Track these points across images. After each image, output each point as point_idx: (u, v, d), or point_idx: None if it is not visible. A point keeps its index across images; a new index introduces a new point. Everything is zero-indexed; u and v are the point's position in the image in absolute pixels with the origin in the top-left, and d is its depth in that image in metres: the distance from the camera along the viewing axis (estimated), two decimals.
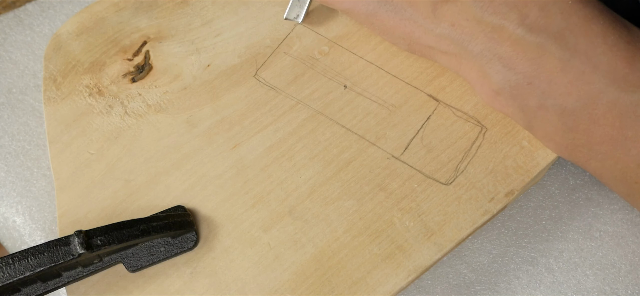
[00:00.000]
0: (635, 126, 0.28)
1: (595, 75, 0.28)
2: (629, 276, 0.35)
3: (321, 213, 0.33)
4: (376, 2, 0.33)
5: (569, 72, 0.29)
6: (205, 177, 0.35)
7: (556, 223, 0.36)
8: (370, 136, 0.35)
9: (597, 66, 0.28)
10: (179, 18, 0.40)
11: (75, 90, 0.38)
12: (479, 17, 0.30)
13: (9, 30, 0.43)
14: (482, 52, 0.31)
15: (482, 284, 0.35)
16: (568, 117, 0.30)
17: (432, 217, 0.32)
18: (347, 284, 0.31)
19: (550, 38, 0.29)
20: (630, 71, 0.28)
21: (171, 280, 0.32)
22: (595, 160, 0.30)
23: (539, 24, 0.29)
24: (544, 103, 0.30)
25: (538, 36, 0.29)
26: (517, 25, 0.29)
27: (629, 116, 0.28)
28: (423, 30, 0.32)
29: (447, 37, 0.31)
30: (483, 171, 0.33)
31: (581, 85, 0.29)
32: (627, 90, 0.28)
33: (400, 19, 0.33)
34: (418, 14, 0.32)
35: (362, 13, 0.34)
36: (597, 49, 0.28)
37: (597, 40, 0.28)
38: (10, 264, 0.28)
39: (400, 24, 0.33)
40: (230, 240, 0.33)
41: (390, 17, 0.33)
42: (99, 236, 0.29)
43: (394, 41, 0.35)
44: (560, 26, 0.29)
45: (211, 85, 0.37)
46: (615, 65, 0.28)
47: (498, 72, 0.31)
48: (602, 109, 0.29)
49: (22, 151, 0.40)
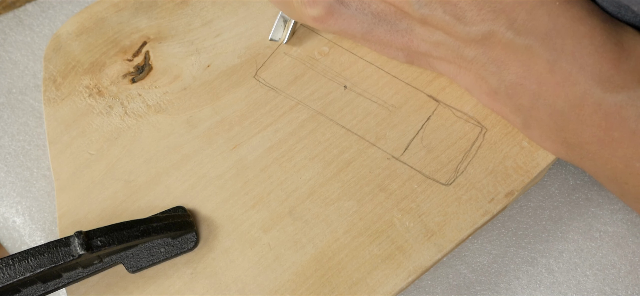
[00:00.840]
0: (621, 127, 0.28)
1: (581, 76, 0.28)
2: (629, 277, 0.35)
3: (321, 214, 0.33)
4: (369, 20, 0.33)
5: (556, 74, 0.29)
6: (205, 177, 0.35)
7: (556, 223, 0.36)
8: (370, 137, 0.35)
9: (583, 67, 0.28)
10: (179, 18, 0.40)
11: (75, 90, 0.38)
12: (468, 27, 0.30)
13: (9, 31, 0.43)
14: (477, 56, 0.31)
15: (482, 284, 0.35)
16: (558, 117, 0.30)
17: (432, 218, 0.32)
18: (347, 284, 0.31)
19: (538, 40, 0.29)
20: (616, 72, 0.28)
21: (171, 280, 0.32)
22: (588, 160, 0.31)
23: (526, 26, 0.29)
24: (535, 104, 0.30)
25: (526, 38, 0.29)
26: (506, 28, 0.29)
27: (615, 116, 0.28)
28: (419, 39, 0.32)
29: (443, 44, 0.32)
30: (483, 172, 0.33)
31: (568, 86, 0.29)
32: (613, 91, 0.28)
33: (396, 31, 0.33)
34: (413, 24, 0.32)
35: (357, 33, 0.34)
36: (583, 50, 0.28)
37: (583, 42, 0.28)
38: (11, 265, 0.28)
39: (396, 37, 0.33)
40: (231, 241, 0.33)
41: (386, 32, 0.33)
42: (99, 237, 0.29)
43: (392, 55, 0.35)
44: (547, 28, 0.28)
45: (211, 85, 0.37)
46: (601, 66, 0.28)
47: (493, 74, 0.31)
48: (589, 110, 0.29)
49: (22, 151, 0.40)
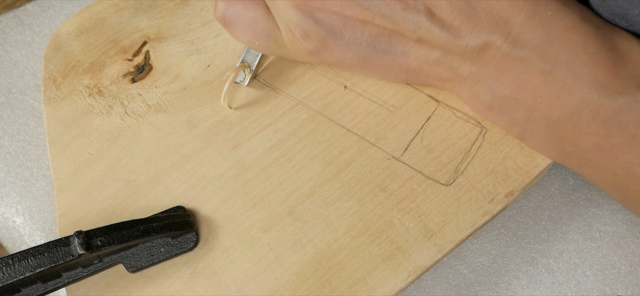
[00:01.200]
0: (620, 133, 0.28)
1: (577, 85, 0.28)
2: (629, 277, 0.35)
3: (321, 214, 0.33)
4: (366, 49, 0.32)
5: (551, 84, 0.29)
6: (205, 177, 0.35)
7: (556, 223, 0.36)
8: (370, 137, 0.35)
9: (579, 76, 0.28)
10: (179, 18, 0.40)
11: (75, 90, 0.38)
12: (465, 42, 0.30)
13: (9, 30, 0.43)
14: (472, 73, 0.31)
15: (482, 284, 0.35)
16: (555, 127, 0.30)
17: (432, 218, 0.32)
18: (347, 285, 0.31)
19: (532, 51, 0.28)
20: (612, 79, 0.28)
21: (171, 280, 0.32)
22: (587, 167, 0.30)
23: (521, 38, 0.29)
24: (530, 116, 0.30)
25: (521, 50, 0.29)
26: (503, 41, 0.29)
27: (613, 123, 0.28)
28: (417, 62, 0.32)
29: (440, 63, 0.32)
30: (483, 172, 0.33)
31: (564, 96, 0.28)
32: (610, 96, 0.28)
33: (393, 57, 0.32)
34: (409, 47, 0.32)
35: (354, 62, 0.33)
36: (577, 59, 0.28)
37: (578, 50, 0.28)
38: (10, 264, 0.28)
39: (395, 61, 0.32)
40: (231, 241, 0.33)
41: (384, 58, 0.32)
42: (99, 237, 0.29)
43: (391, 79, 0.34)
44: (541, 39, 0.28)
45: (211, 85, 0.37)
46: (597, 73, 0.28)
47: (486, 91, 0.31)
48: (586, 118, 0.28)
49: (22, 151, 0.40)
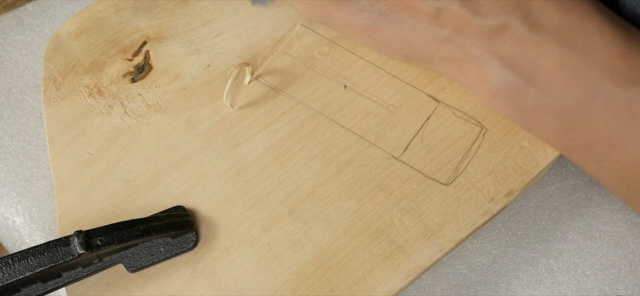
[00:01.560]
0: (632, 123, 0.28)
1: (591, 71, 0.28)
2: (629, 277, 0.35)
3: (321, 213, 0.33)
4: (375, 16, 0.32)
5: (566, 69, 0.29)
6: (205, 177, 0.35)
7: (556, 223, 0.36)
8: (370, 136, 0.35)
9: (594, 62, 0.28)
10: (179, 18, 0.40)
11: (75, 90, 0.38)
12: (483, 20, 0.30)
13: (9, 30, 0.43)
14: (482, 54, 0.31)
15: (482, 284, 0.35)
16: (565, 116, 0.30)
17: (432, 217, 0.32)
18: (347, 284, 0.31)
19: (549, 35, 0.29)
20: (627, 67, 0.28)
21: (171, 280, 0.32)
22: (593, 161, 0.30)
23: (539, 21, 0.29)
24: (541, 103, 0.30)
25: (538, 34, 0.29)
26: (521, 23, 0.29)
27: (625, 112, 0.28)
28: (424, 38, 0.32)
29: (449, 42, 0.31)
30: (483, 172, 0.33)
31: (578, 81, 0.29)
32: (624, 85, 0.28)
33: (400, 29, 0.32)
34: (420, 22, 0.31)
35: (360, 28, 0.33)
36: (593, 45, 0.28)
37: (593, 37, 0.28)
38: (10, 264, 0.28)
39: (399, 34, 0.32)
40: (230, 240, 0.33)
41: (390, 29, 0.32)
42: (99, 237, 0.29)
43: (390, 53, 0.34)
44: (558, 23, 0.29)
45: (211, 85, 0.37)
46: (612, 61, 0.28)
47: (497, 74, 0.31)
48: (599, 106, 0.28)
49: (22, 151, 0.40)
